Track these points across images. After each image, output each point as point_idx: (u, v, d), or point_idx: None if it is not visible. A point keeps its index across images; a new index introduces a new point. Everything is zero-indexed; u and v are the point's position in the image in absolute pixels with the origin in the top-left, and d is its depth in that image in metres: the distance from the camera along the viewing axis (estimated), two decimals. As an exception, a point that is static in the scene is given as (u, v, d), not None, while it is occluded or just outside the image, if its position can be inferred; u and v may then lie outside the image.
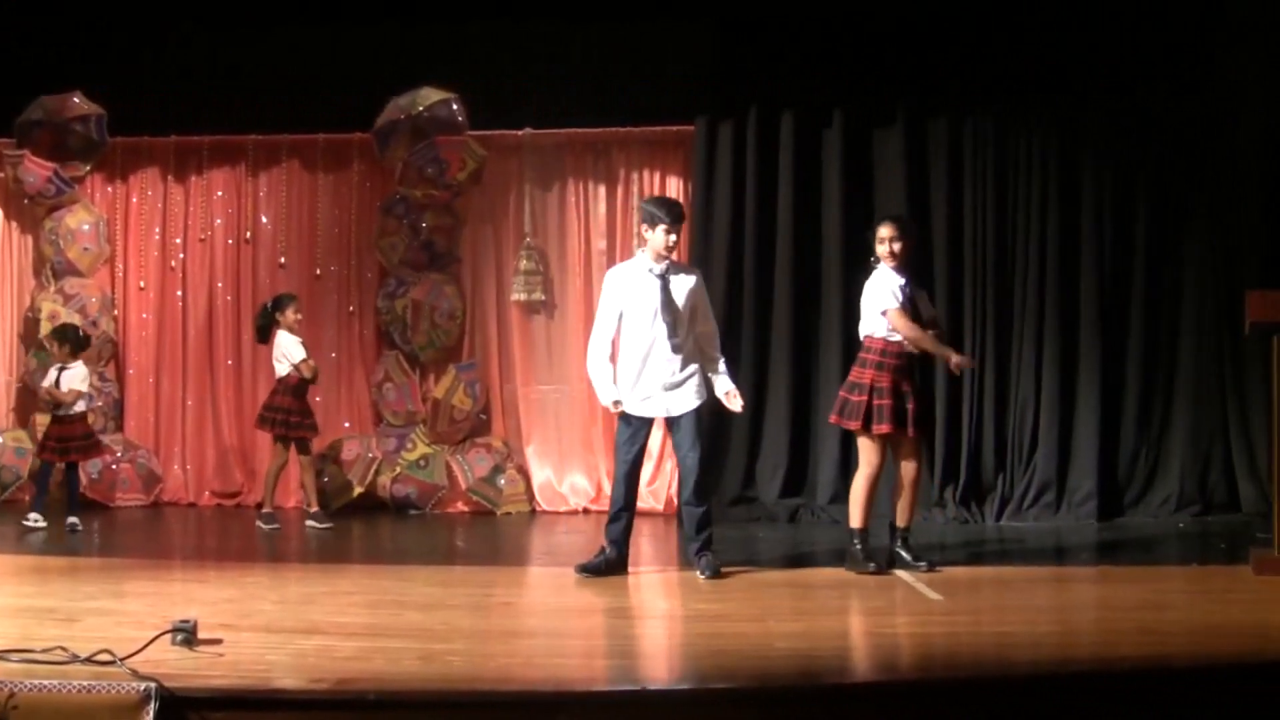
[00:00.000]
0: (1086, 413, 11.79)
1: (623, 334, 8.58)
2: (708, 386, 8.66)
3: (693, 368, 8.57)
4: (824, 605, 7.73)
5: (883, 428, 8.58)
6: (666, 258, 8.56)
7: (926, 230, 11.95)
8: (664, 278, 8.51)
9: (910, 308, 8.74)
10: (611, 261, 12.85)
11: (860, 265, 8.91)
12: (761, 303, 12.05)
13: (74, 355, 11.39)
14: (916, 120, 12.03)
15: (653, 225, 8.54)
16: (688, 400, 8.55)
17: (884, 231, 8.83)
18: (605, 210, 12.97)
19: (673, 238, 8.53)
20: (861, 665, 6.30)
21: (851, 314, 11.76)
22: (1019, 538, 10.85)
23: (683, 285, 8.57)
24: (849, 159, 12.01)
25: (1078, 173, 11.91)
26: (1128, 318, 11.91)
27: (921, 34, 11.95)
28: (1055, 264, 11.87)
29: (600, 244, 12.95)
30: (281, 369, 11.52)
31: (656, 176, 12.93)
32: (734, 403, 8.77)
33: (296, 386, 11.51)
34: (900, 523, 8.86)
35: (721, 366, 8.77)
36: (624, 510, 8.65)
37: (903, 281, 8.77)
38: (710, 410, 11.73)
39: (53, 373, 11.43)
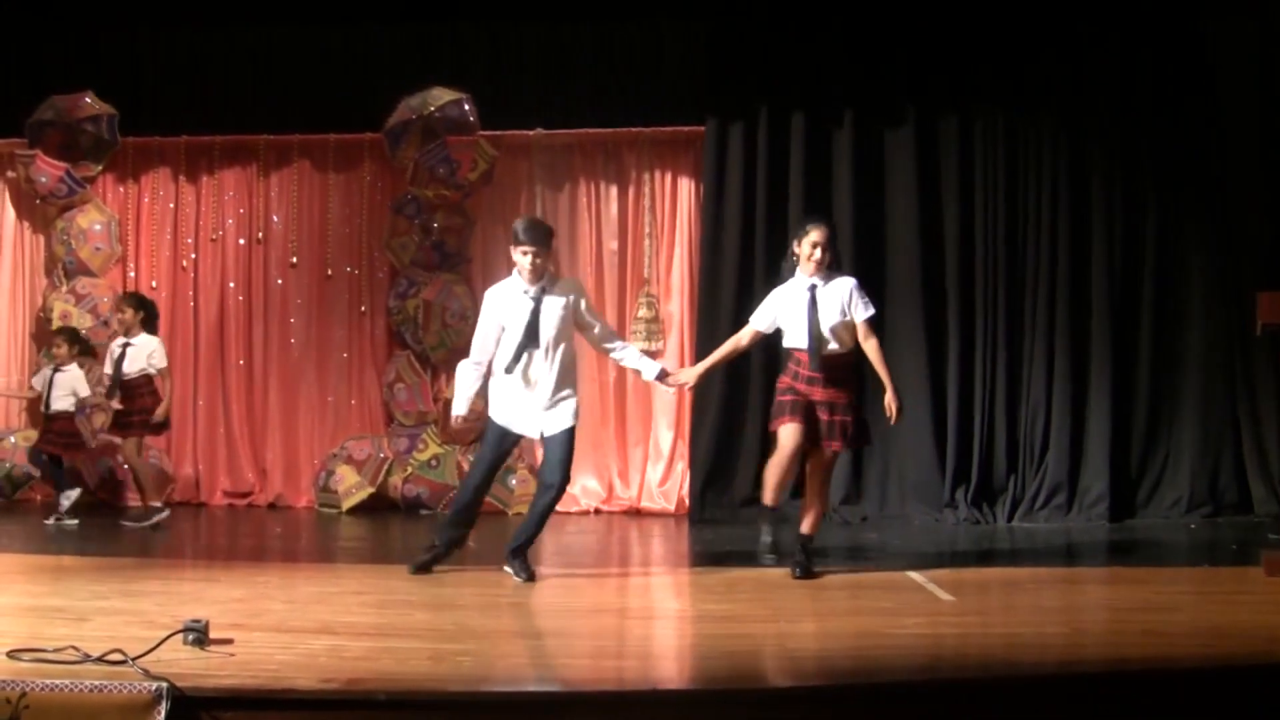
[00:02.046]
0: (1098, 414, 11.79)
1: (500, 352, 8.47)
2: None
3: (568, 390, 8.45)
4: (834, 606, 7.72)
5: (781, 420, 8.50)
6: (536, 280, 8.35)
7: (938, 230, 11.98)
8: (536, 299, 8.35)
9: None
10: (623, 262, 12.90)
11: (870, 265, 8.88)
12: (772, 303, 12.03)
13: (75, 358, 11.58)
14: (927, 121, 12.03)
15: (514, 247, 8.40)
16: (562, 421, 8.43)
17: (817, 236, 8.58)
18: (616, 211, 12.97)
19: (526, 259, 8.28)
20: (871, 666, 6.29)
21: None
22: (1030, 539, 10.83)
23: (555, 305, 8.37)
24: (859, 159, 12.02)
25: (1088, 173, 11.90)
26: (1139, 318, 11.90)
27: (932, 34, 11.97)
28: (1066, 264, 11.87)
29: (611, 244, 12.95)
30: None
31: (667, 177, 12.93)
32: (678, 378, 8.90)
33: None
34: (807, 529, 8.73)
35: (632, 349, 8.78)
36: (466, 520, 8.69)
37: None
38: (725, 411, 11.84)
39: (47, 371, 11.59)
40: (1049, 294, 11.89)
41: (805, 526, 8.67)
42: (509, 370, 8.38)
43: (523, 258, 8.31)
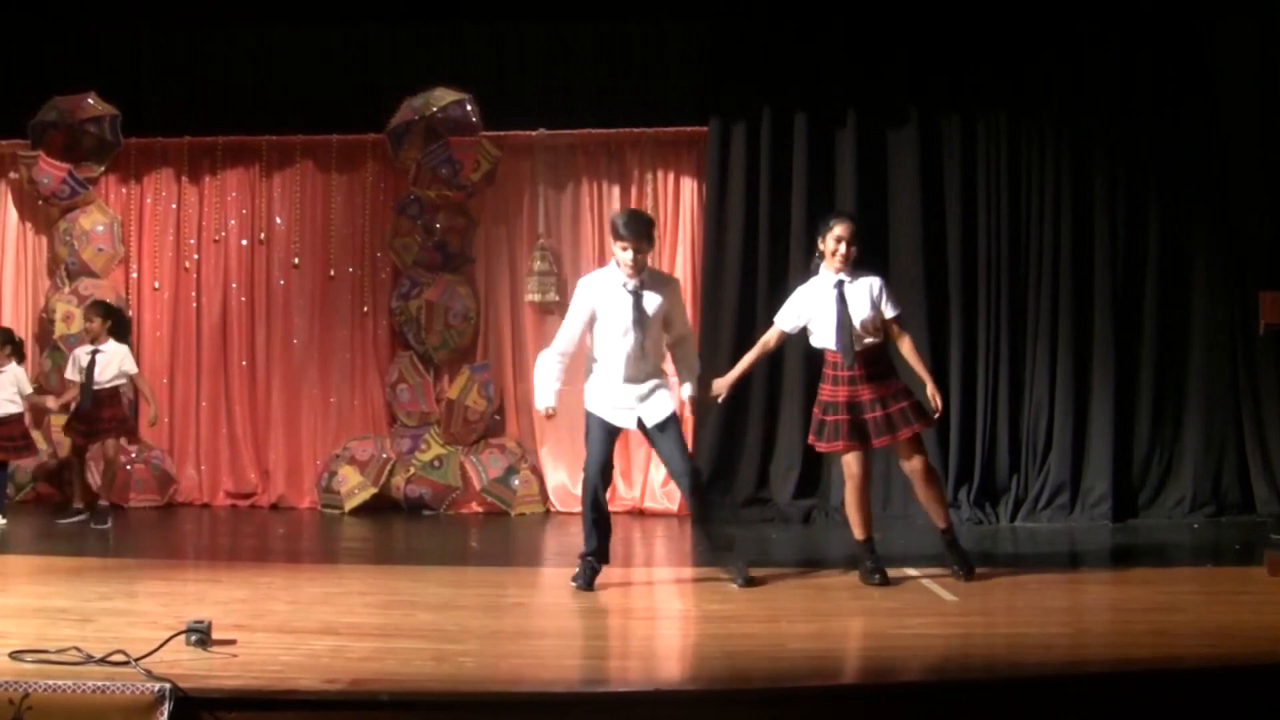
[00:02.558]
0: (1100, 414, 11.78)
1: (596, 344, 8.48)
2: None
3: (659, 379, 8.44)
4: (837, 606, 7.72)
5: (835, 445, 8.46)
6: (636, 274, 8.31)
7: (940, 230, 11.97)
8: (636, 293, 8.31)
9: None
10: (625, 262, 12.88)
11: (873, 266, 8.85)
12: (775, 303, 11.95)
13: (10, 358, 11.69)
14: (930, 120, 12.03)
15: (614, 241, 8.36)
16: (662, 408, 8.40)
17: (841, 230, 8.51)
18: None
19: (626, 254, 8.24)
20: (874, 667, 6.30)
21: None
22: (1033, 539, 10.84)
23: (654, 299, 8.35)
24: (862, 159, 12.01)
25: (1090, 172, 11.89)
26: (1141, 318, 11.89)
27: (932, 34, 11.96)
28: (1069, 264, 11.86)
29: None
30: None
31: (670, 177, 12.92)
32: (709, 391, 8.73)
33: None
34: (937, 524, 8.69)
35: (685, 371, 8.62)
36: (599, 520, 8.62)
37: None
38: (727, 411, 11.82)
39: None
40: (1051, 294, 11.89)
41: (938, 521, 8.61)
42: (607, 363, 8.40)
43: (623, 253, 8.26)
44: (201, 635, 6.05)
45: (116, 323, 11.72)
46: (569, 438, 12.83)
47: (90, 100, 12.79)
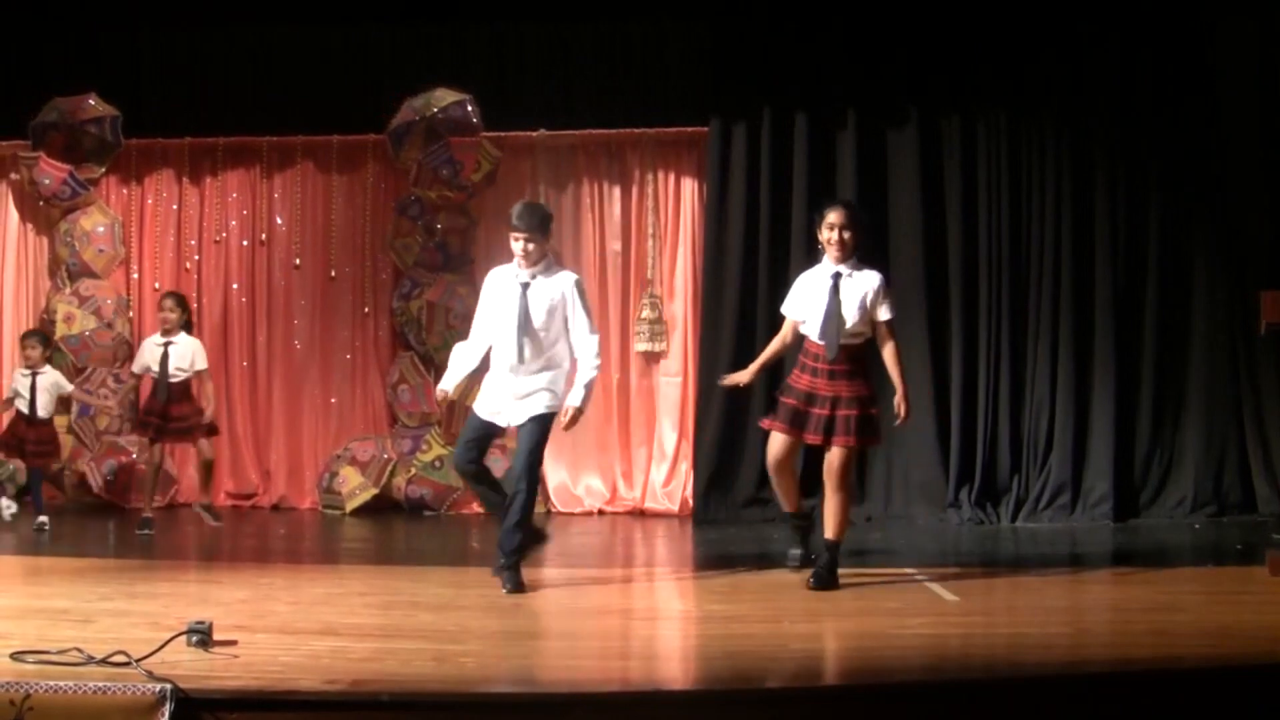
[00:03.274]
0: (1101, 414, 11.78)
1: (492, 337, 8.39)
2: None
3: (547, 377, 8.28)
4: (838, 606, 7.72)
5: (774, 424, 8.43)
6: (527, 266, 8.23)
7: (941, 230, 11.97)
8: (525, 285, 8.25)
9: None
10: (626, 262, 12.89)
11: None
12: (776, 303, 11.95)
13: (47, 360, 11.62)
14: (930, 120, 12.03)
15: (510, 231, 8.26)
16: (531, 408, 8.23)
17: (835, 218, 8.43)
18: (619, 211, 12.96)
19: (518, 245, 8.16)
20: (875, 667, 6.30)
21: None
22: (1034, 539, 10.84)
23: (544, 293, 8.26)
24: (863, 159, 12.00)
25: (1091, 172, 11.89)
26: (1142, 317, 11.89)
27: (934, 34, 11.96)
28: (1069, 263, 11.86)
29: (615, 245, 12.94)
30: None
31: (670, 177, 12.92)
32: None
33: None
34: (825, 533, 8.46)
35: (581, 374, 8.30)
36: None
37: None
38: (729, 411, 11.82)
39: (21, 376, 11.53)
40: (1052, 293, 11.88)
41: (829, 530, 8.39)
42: (495, 356, 8.32)
43: (514, 243, 8.20)
44: (202, 636, 6.05)
45: (189, 315, 11.58)
46: (567, 439, 12.82)
47: (91, 101, 12.79)
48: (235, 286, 13.17)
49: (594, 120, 12.76)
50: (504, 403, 8.29)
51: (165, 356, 11.25)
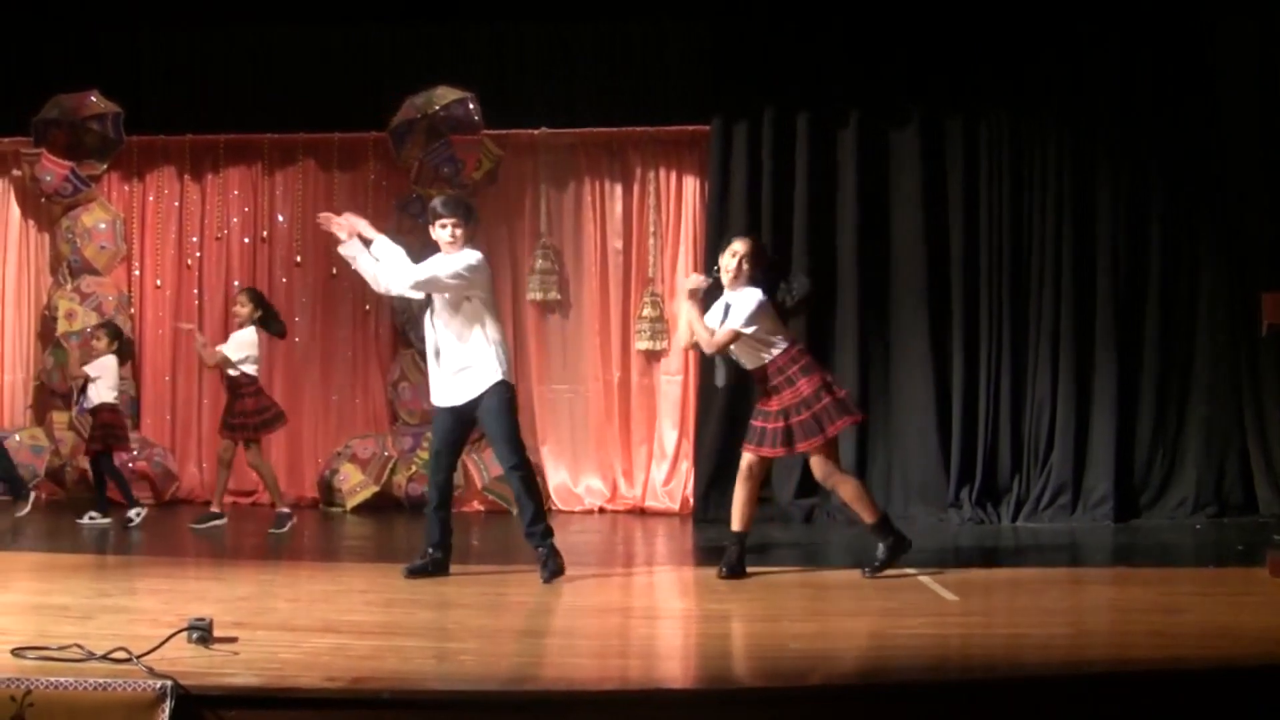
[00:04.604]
0: (1103, 414, 11.78)
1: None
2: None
3: (466, 354, 8.32)
4: (838, 606, 7.72)
5: (747, 445, 8.47)
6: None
7: (943, 230, 11.97)
8: None
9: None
10: (628, 261, 12.90)
11: (875, 265, 8.82)
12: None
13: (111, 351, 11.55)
14: (932, 120, 12.04)
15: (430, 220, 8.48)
16: (470, 389, 8.31)
17: (739, 246, 8.47)
18: (621, 210, 12.98)
19: (445, 231, 8.35)
20: (875, 666, 6.29)
21: (868, 312, 11.83)
22: (1034, 539, 10.83)
23: None
24: (865, 159, 12.02)
25: (1093, 173, 11.90)
26: (1144, 318, 11.89)
27: (933, 34, 11.97)
28: (1071, 264, 11.86)
29: (616, 243, 12.95)
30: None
31: (672, 176, 12.94)
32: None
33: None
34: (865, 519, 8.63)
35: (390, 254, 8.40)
36: (437, 508, 8.49)
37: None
38: (729, 410, 11.81)
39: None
40: (1054, 293, 11.89)
41: (866, 516, 8.56)
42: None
43: (442, 230, 8.36)
44: (203, 633, 6.04)
45: (267, 314, 11.38)
46: (568, 438, 12.88)
47: (93, 98, 12.80)
48: (236, 284, 13.18)
49: (595, 119, 12.78)
50: (447, 381, 8.38)
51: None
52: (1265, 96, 11.78)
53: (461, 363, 8.30)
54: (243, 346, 11.20)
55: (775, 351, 8.38)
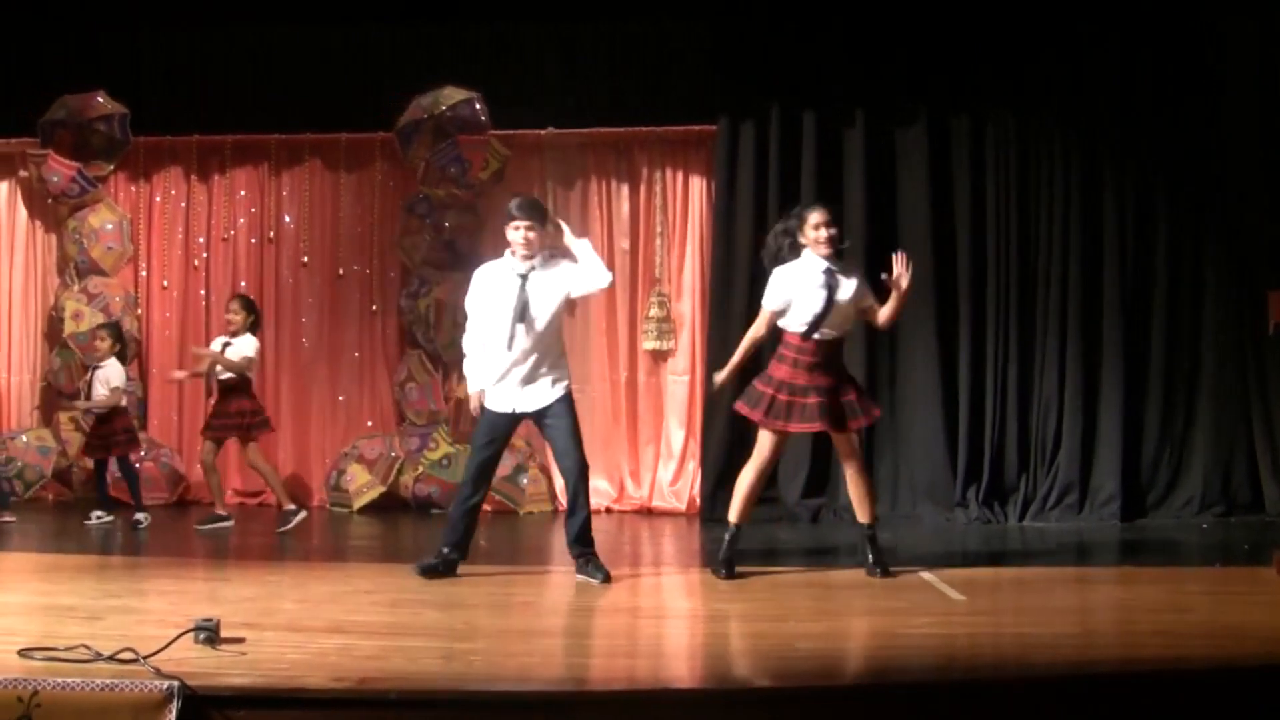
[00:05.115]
0: (1109, 413, 11.76)
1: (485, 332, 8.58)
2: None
3: (548, 362, 8.46)
4: (845, 606, 7.72)
5: (774, 423, 8.45)
6: (528, 255, 8.45)
7: (949, 229, 11.95)
8: (523, 276, 8.44)
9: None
10: (635, 261, 12.89)
11: (883, 264, 8.80)
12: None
13: (113, 353, 11.49)
14: (939, 119, 12.02)
15: (506, 222, 8.52)
16: (543, 396, 8.45)
17: (817, 218, 8.56)
18: (628, 210, 12.96)
19: (519, 234, 8.43)
20: (882, 666, 6.29)
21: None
22: (1041, 538, 10.83)
23: (542, 282, 8.45)
24: (871, 158, 12.00)
25: (1099, 172, 11.88)
26: (1150, 317, 11.87)
27: (933, 34, 11.95)
28: (1077, 263, 11.85)
29: (623, 244, 12.94)
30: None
31: (679, 176, 12.93)
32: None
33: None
34: (861, 519, 8.69)
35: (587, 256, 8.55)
36: (467, 511, 8.55)
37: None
38: (728, 411, 11.81)
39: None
40: (1061, 292, 11.87)
41: (863, 515, 8.62)
42: (497, 351, 8.48)
43: (514, 233, 8.45)
44: (210, 633, 6.06)
45: (257, 319, 11.51)
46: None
47: (100, 99, 12.80)
48: (243, 284, 13.19)
49: (602, 118, 12.77)
50: (513, 393, 8.48)
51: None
52: (1266, 96, 11.76)
53: (543, 369, 8.46)
54: (254, 349, 11.32)
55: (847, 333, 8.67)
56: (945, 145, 12.02)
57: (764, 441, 8.53)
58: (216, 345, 11.44)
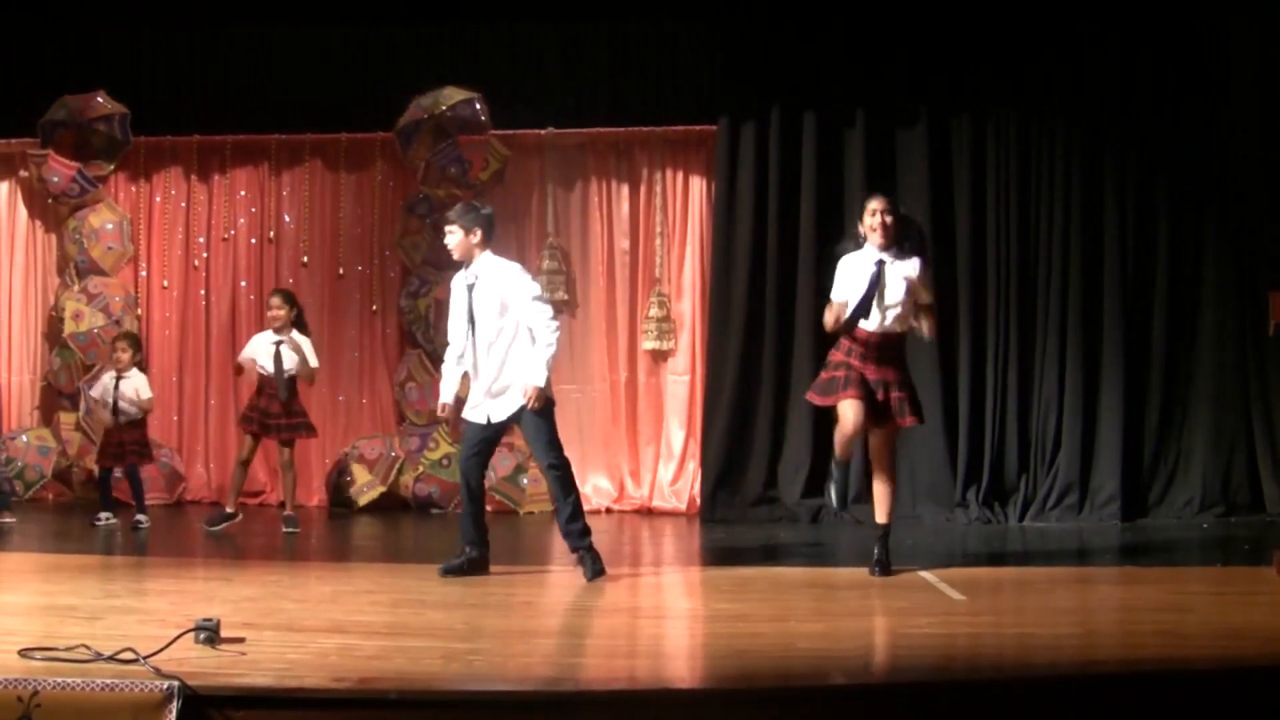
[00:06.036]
0: (1109, 413, 11.76)
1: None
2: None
3: (514, 369, 8.46)
4: (846, 606, 7.72)
5: (841, 395, 8.37)
6: (460, 260, 8.57)
7: (950, 230, 11.94)
8: (470, 286, 8.52)
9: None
10: (634, 261, 12.89)
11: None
12: (784, 302, 12.04)
13: (135, 363, 11.43)
14: (939, 120, 12.01)
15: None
16: (512, 403, 8.47)
17: (871, 205, 8.52)
18: (628, 210, 12.96)
19: (445, 238, 8.59)
20: (883, 666, 6.29)
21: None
22: (1042, 538, 10.83)
23: (484, 289, 8.49)
24: (871, 158, 11.99)
25: (1099, 172, 11.88)
26: (1150, 317, 11.87)
27: (943, 32, 11.94)
28: (1078, 263, 11.85)
29: (623, 244, 12.94)
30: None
31: (679, 176, 12.92)
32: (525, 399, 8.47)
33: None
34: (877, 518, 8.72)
35: (539, 356, 8.41)
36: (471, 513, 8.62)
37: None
38: (737, 410, 11.83)
39: (107, 379, 11.43)
40: (1061, 293, 11.86)
41: (881, 515, 8.64)
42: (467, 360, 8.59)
43: (447, 237, 8.60)
44: (210, 633, 6.05)
45: (300, 311, 11.32)
46: (575, 438, 12.82)
47: (100, 99, 12.79)
48: (243, 284, 13.20)
49: (603, 119, 12.77)
50: (482, 401, 8.57)
51: (279, 355, 11.09)
52: (1267, 96, 11.76)
53: (510, 377, 8.48)
54: (310, 345, 11.23)
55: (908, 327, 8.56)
56: (945, 145, 12.02)
57: (843, 408, 8.43)
58: (264, 342, 11.19)
